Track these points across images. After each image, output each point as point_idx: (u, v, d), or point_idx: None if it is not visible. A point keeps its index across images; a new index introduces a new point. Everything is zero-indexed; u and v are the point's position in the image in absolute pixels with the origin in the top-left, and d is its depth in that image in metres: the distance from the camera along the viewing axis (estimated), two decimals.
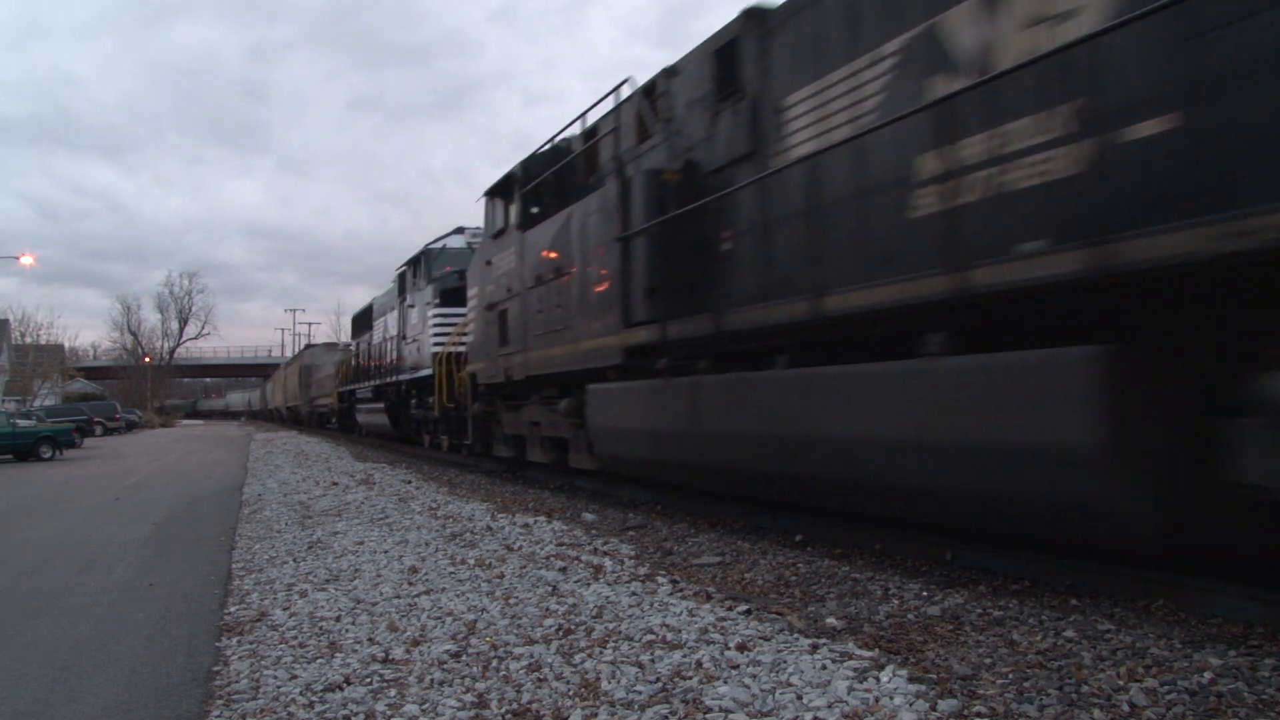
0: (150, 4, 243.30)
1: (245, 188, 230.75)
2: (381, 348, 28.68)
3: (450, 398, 19.05)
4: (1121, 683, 4.24)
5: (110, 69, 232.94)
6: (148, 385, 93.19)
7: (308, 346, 66.77)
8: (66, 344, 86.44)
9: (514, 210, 14.53)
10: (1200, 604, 5.46)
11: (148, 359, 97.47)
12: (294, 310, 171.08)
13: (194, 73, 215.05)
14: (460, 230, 23.00)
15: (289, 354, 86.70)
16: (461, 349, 18.33)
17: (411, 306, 24.24)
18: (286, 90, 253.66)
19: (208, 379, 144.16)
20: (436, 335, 20.89)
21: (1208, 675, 4.28)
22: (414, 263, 24.14)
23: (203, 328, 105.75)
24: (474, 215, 34.45)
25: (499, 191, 15.34)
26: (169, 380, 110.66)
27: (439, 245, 23.06)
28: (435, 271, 22.41)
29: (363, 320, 34.34)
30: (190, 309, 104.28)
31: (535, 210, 13.92)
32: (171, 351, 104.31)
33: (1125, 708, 3.96)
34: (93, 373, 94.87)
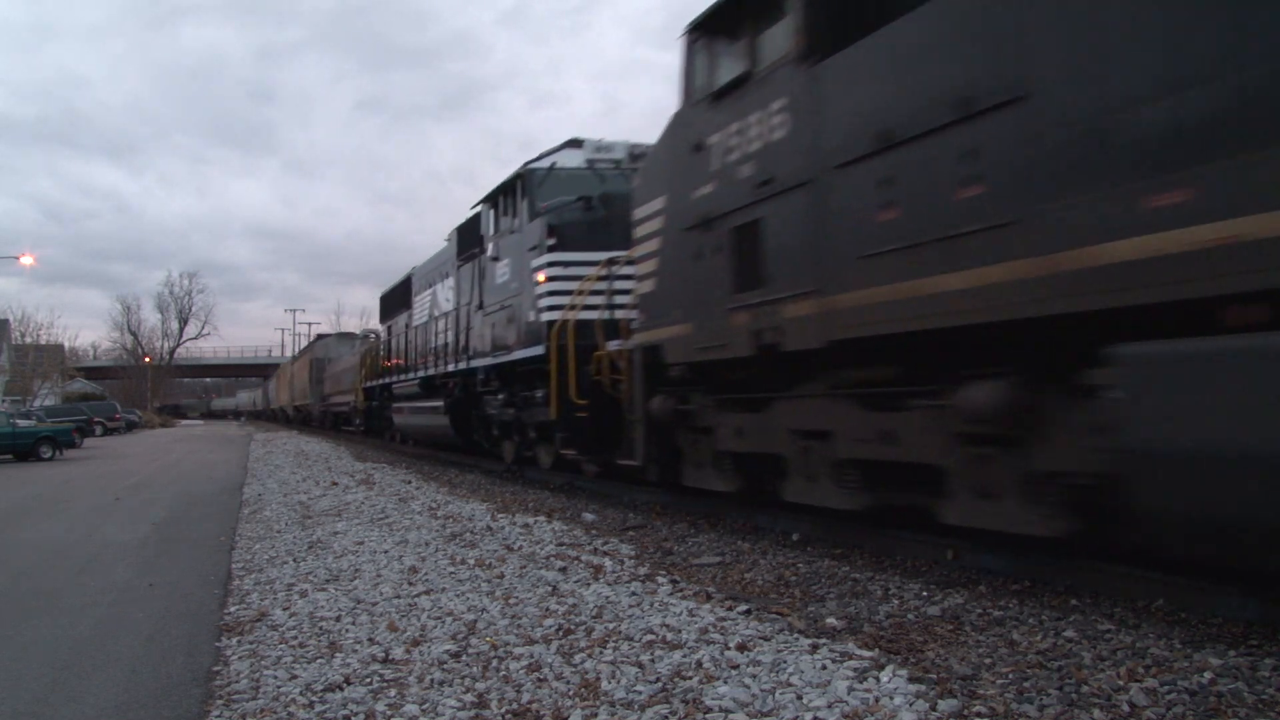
0: (159, 6, 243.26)
1: (250, 188, 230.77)
2: (431, 328, 21.60)
3: (579, 391, 12.21)
4: (1121, 683, 4.24)
5: (118, 71, 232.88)
6: (148, 385, 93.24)
7: (319, 337, 57.98)
8: (66, 344, 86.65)
9: (787, 30, 7.76)
10: (1200, 604, 5.46)
11: (148, 359, 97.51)
12: (294, 310, 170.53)
13: (201, 74, 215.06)
14: (576, 143, 15.18)
15: (289, 354, 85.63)
16: (591, 314, 12.40)
17: (496, 260, 16.43)
18: (293, 91, 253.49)
19: (208, 379, 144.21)
20: (551, 295, 13.65)
21: (1208, 675, 4.28)
22: (503, 194, 16.18)
23: (203, 328, 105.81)
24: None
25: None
26: (169, 380, 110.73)
27: (544, 164, 15.06)
28: (542, 202, 14.59)
29: (397, 298, 27.40)
30: (190, 309, 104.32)
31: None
32: (171, 351, 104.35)
33: (1125, 708, 3.96)
34: (93, 373, 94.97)
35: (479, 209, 17.68)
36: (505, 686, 4.53)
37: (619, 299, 12.40)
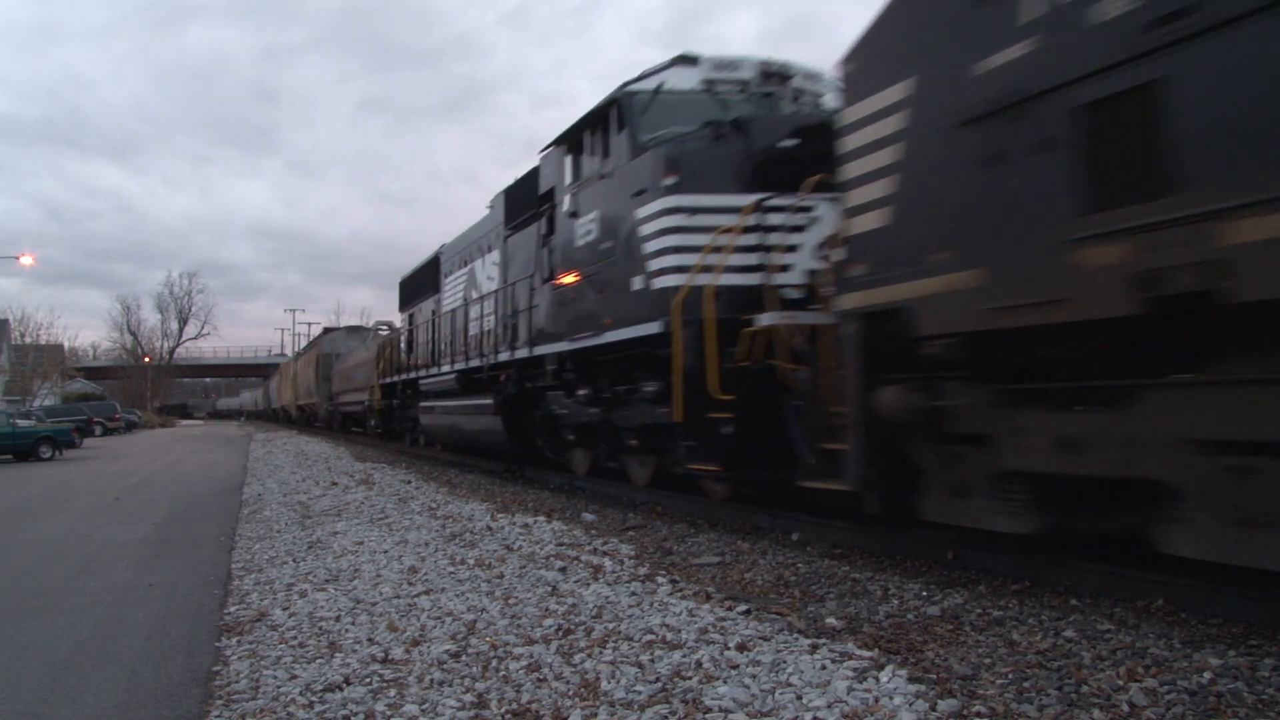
0: (163, 7, 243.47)
1: (253, 189, 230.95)
2: (470, 312, 18.08)
3: (719, 384, 9.15)
4: (1121, 683, 4.24)
5: (122, 71, 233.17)
6: (147, 385, 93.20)
7: (327, 330, 53.70)
8: (66, 344, 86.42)
9: None
10: (1200, 604, 5.46)
11: (147, 359, 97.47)
12: (294, 310, 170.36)
13: (205, 75, 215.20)
14: (688, 60, 11.42)
15: (290, 353, 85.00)
16: (737, 279, 9.58)
17: (575, 216, 12.56)
18: (297, 92, 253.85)
19: (207, 379, 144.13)
20: (672, 253, 10.08)
21: (1207, 675, 4.29)
22: (588, 129, 12.39)
23: (202, 328, 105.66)
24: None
25: None
26: (168, 380, 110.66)
27: (649, 85, 11.30)
28: (649, 133, 10.91)
29: (421, 283, 24.02)
30: (190, 309, 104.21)
31: None
32: (171, 351, 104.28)
33: (1125, 708, 3.96)
34: (92, 373, 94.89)
35: (546, 156, 13.91)
36: (505, 686, 4.53)
37: (777, 257, 9.53)
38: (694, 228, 9.84)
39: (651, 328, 10.01)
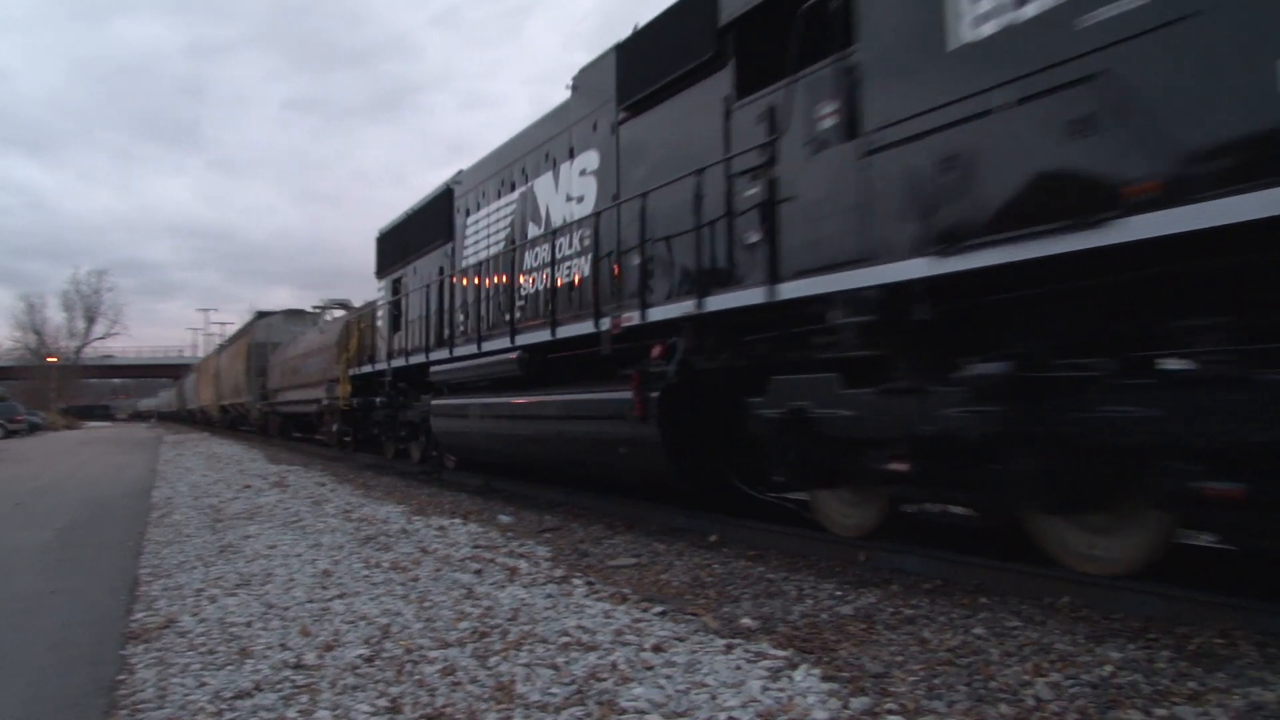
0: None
1: (175, 186, 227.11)
2: (537, 253, 12.43)
3: None
4: (1027, 678, 4.34)
5: (40, 63, 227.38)
6: (53, 386, 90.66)
7: (260, 314, 41.85)
8: None
9: None
10: (1104, 601, 5.61)
11: (52, 359, 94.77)
12: (207, 309, 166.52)
13: (130, 69, 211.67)
14: None
15: (203, 355, 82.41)
16: None
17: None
18: (225, 89, 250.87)
19: (116, 380, 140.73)
20: None
21: (1108, 669, 4.41)
22: None
23: (111, 327, 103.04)
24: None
25: None
26: (75, 381, 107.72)
27: None
28: None
29: (418, 230, 18.00)
30: (98, 307, 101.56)
31: None
32: (77, 351, 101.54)
33: (1031, 702, 4.06)
34: None
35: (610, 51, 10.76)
36: (419, 690, 4.50)
37: None
38: None
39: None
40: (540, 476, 13.42)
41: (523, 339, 12.24)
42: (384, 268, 20.60)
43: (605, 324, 10.03)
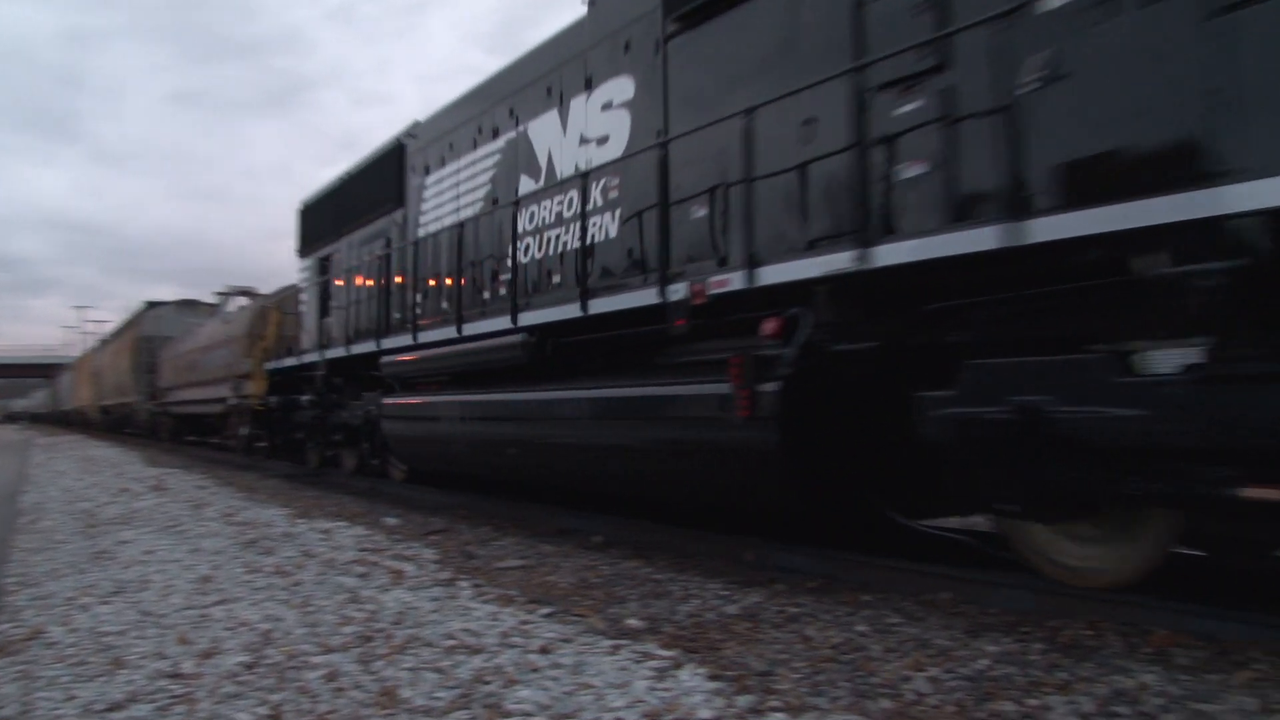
0: None
1: (49, 177, 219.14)
2: (542, 208, 10.23)
3: None
4: (908, 673, 4.44)
5: None
6: None
7: (150, 306, 37.16)
8: None
9: None
10: (982, 596, 5.78)
11: None
12: (82, 307, 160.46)
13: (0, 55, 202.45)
14: None
15: (77, 354, 78.92)
16: None
17: None
18: (106, 79, 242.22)
19: None
20: None
21: (985, 662, 4.55)
22: None
23: None
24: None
25: None
26: None
27: None
28: None
29: (356, 197, 15.58)
30: None
31: None
32: None
33: (910, 696, 4.15)
34: None
35: None
36: (301, 697, 4.41)
37: None
38: None
39: None
40: (556, 494, 10.82)
41: (530, 318, 9.73)
42: (309, 244, 17.87)
43: (678, 292, 7.66)
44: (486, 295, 11.13)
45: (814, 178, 6.89)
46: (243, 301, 26.10)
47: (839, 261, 6.29)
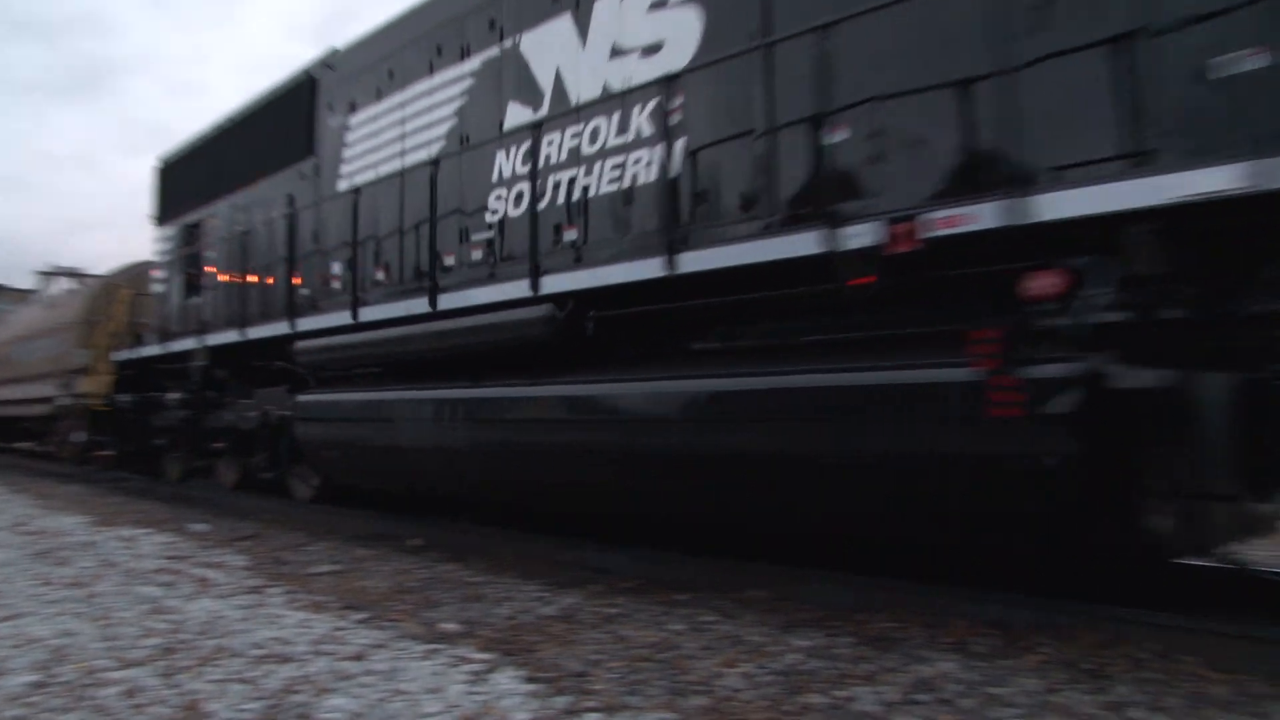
0: None
1: None
2: (590, 139, 7.64)
3: None
4: (721, 670, 4.53)
5: None
6: None
7: None
8: None
9: None
10: (796, 593, 5.95)
11: None
12: None
13: None
14: None
15: None
16: None
17: None
18: None
19: None
20: None
21: (796, 656, 4.69)
22: None
23: None
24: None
25: None
26: None
27: None
28: None
29: (244, 147, 12.89)
30: None
31: None
32: None
33: (724, 692, 4.23)
34: None
35: None
36: (96, 716, 4.19)
37: None
38: None
39: None
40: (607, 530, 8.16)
41: (562, 282, 7.38)
42: (171, 210, 14.78)
43: (860, 236, 5.44)
44: (477, 257, 8.57)
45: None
46: (69, 284, 22.69)
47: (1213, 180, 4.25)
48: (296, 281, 10.96)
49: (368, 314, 9.46)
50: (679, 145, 6.84)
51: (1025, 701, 3.99)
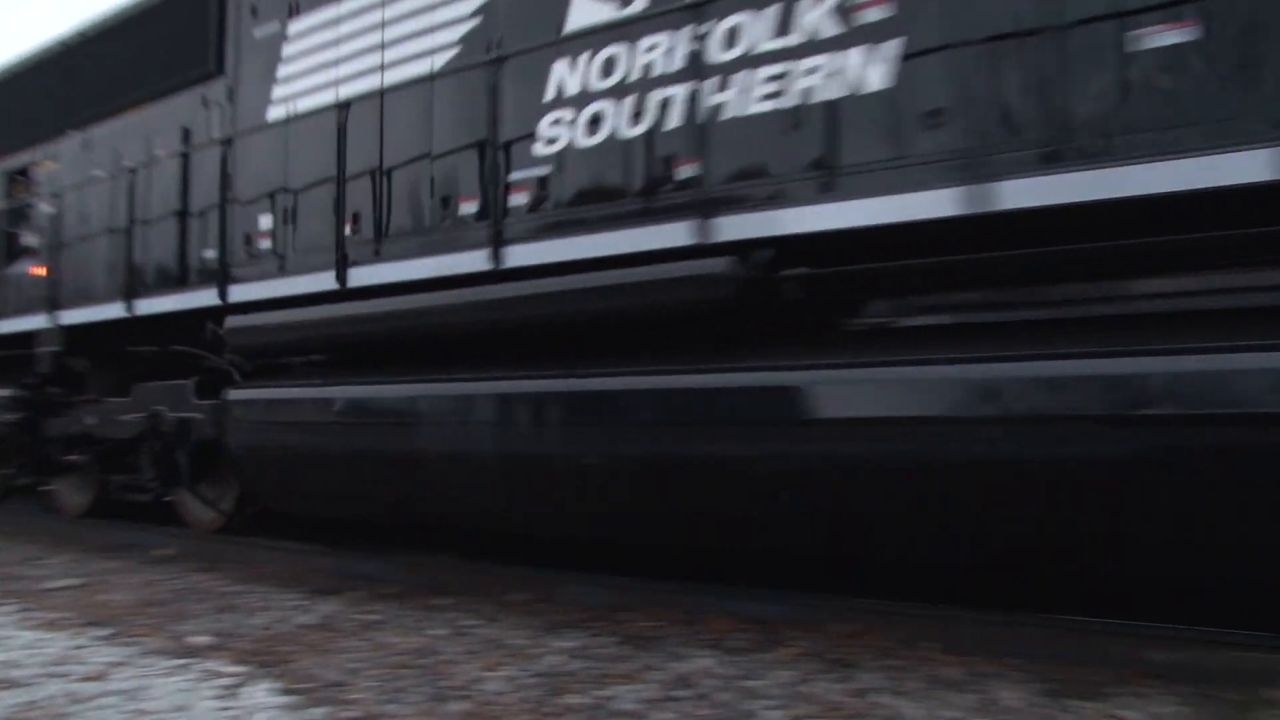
0: None
1: None
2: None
3: None
4: (483, 673, 4.52)
5: None
6: None
7: None
8: None
9: None
10: (555, 595, 5.99)
11: None
12: None
13: None
14: None
15: None
16: None
17: None
18: None
19: None
20: None
21: (558, 658, 4.73)
22: None
23: None
24: None
25: None
26: None
27: None
28: None
29: (101, 67, 9.82)
30: None
31: None
32: None
33: (485, 696, 4.23)
34: None
35: None
36: None
37: None
38: None
39: None
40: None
41: (755, 225, 5.18)
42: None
43: None
44: (550, 206, 6.07)
45: None
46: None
47: None
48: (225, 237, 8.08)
49: (364, 275, 6.96)
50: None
51: (779, 693, 4.15)
